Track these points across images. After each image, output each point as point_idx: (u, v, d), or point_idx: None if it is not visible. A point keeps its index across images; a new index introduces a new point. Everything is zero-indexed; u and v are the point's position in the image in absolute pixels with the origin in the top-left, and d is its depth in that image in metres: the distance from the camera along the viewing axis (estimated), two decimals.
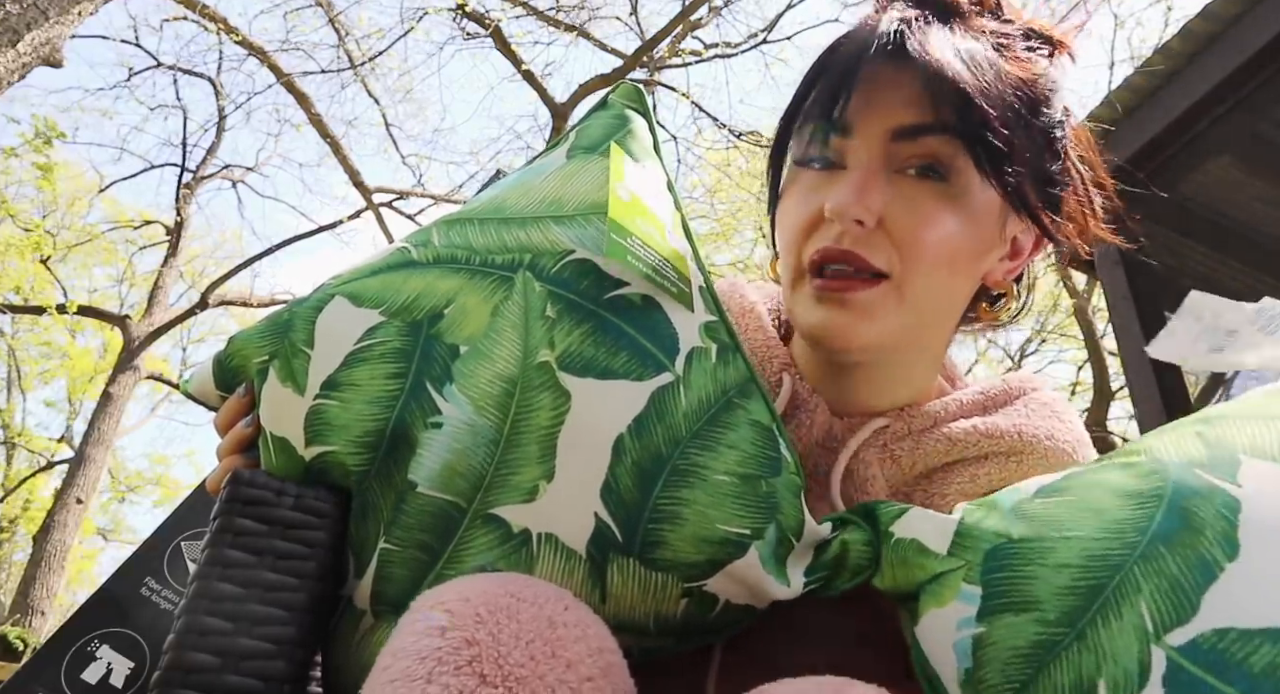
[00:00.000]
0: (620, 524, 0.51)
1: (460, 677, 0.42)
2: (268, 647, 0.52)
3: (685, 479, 0.51)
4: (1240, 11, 2.41)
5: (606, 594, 0.52)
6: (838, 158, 0.60)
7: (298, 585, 0.55)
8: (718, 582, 0.52)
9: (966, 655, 0.45)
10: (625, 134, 0.66)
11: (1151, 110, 2.67)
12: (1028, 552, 0.45)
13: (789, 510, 0.53)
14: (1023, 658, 0.43)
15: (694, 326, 0.56)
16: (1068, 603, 0.42)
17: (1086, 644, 0.41)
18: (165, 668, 0.50)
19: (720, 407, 0.54)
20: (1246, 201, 2.98)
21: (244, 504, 0.56)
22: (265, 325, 0.61)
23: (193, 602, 0.52)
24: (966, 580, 0.46)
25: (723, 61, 9.01)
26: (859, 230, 0.57)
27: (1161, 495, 0.44)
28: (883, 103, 0.57)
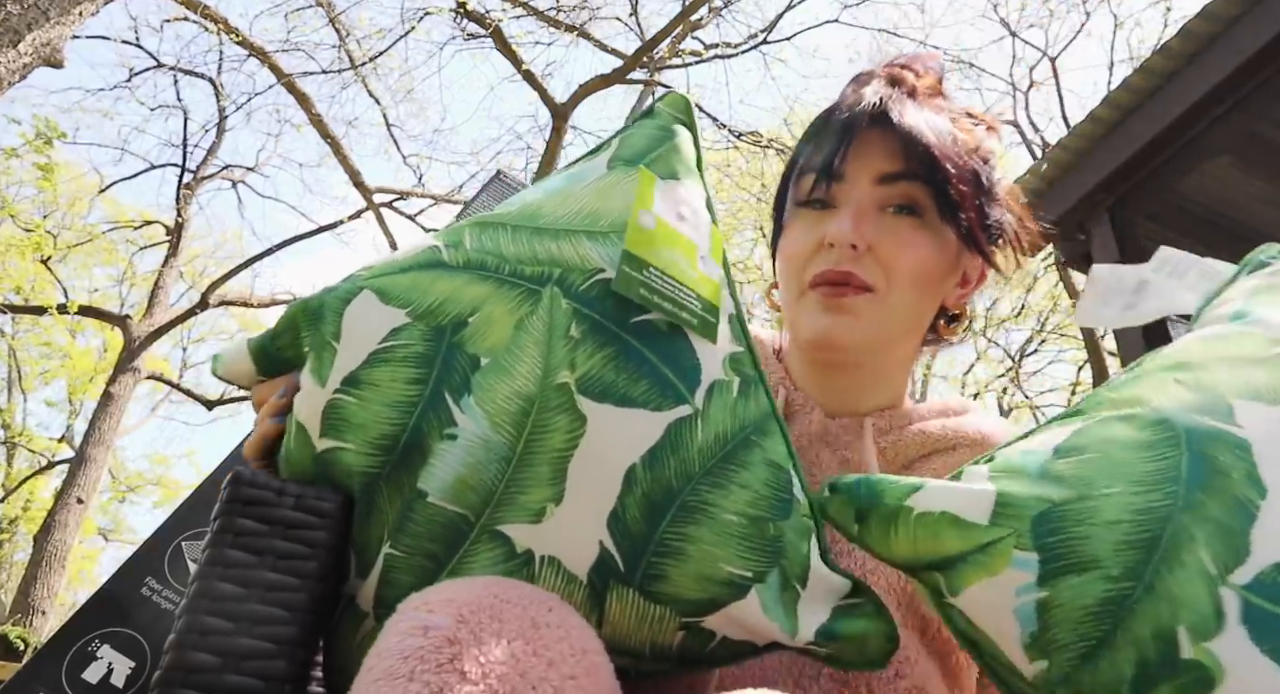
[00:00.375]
0: (624, 555, 0.51)
1: (441, 674, 0.43)
2: (268, 647, 0.52)
3: (693, 516, 0.51)
4: (1240, 12, 2.41)
5: (604, 621, 0.52)
6: (833, 200, 0.73)
7: (298, 585, 0.55)
8: (715, 619, 0.52)
9: (1030, 620, 0.45)
10: (666, 150, 0.65)
11: (1151, 110, 2.67)
12: (1075, 513, 0.46)
13: (794, 555, 0.53)
14: (1095, 615, 0.44)
15: (718, 358, 0.56)
16: (1128, 557, 0.44)
17: (1156, 594, 0.43)
18: (166, 668, 0.50)
19: (737, 444, 0.54)
20: (1246, 201, 2.98)
21: (244, 504, 0.56)
22: (303, 314, 0.61)
23: (193, 601, 0.52)
24: (1019, 548, 0.46)
25: (723, 62, 9.01)
26: (853, 253, 0.70)
27: (1178, 444, 0.46)
28: (869, 156, 0.72)
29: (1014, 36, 9.96)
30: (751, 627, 0.52)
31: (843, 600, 0.54)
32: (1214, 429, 0.46)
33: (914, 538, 0.50)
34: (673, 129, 0.67)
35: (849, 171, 0.72)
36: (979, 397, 11.96)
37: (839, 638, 0.52)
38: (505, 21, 7.89)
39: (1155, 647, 0.42)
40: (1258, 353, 0.51)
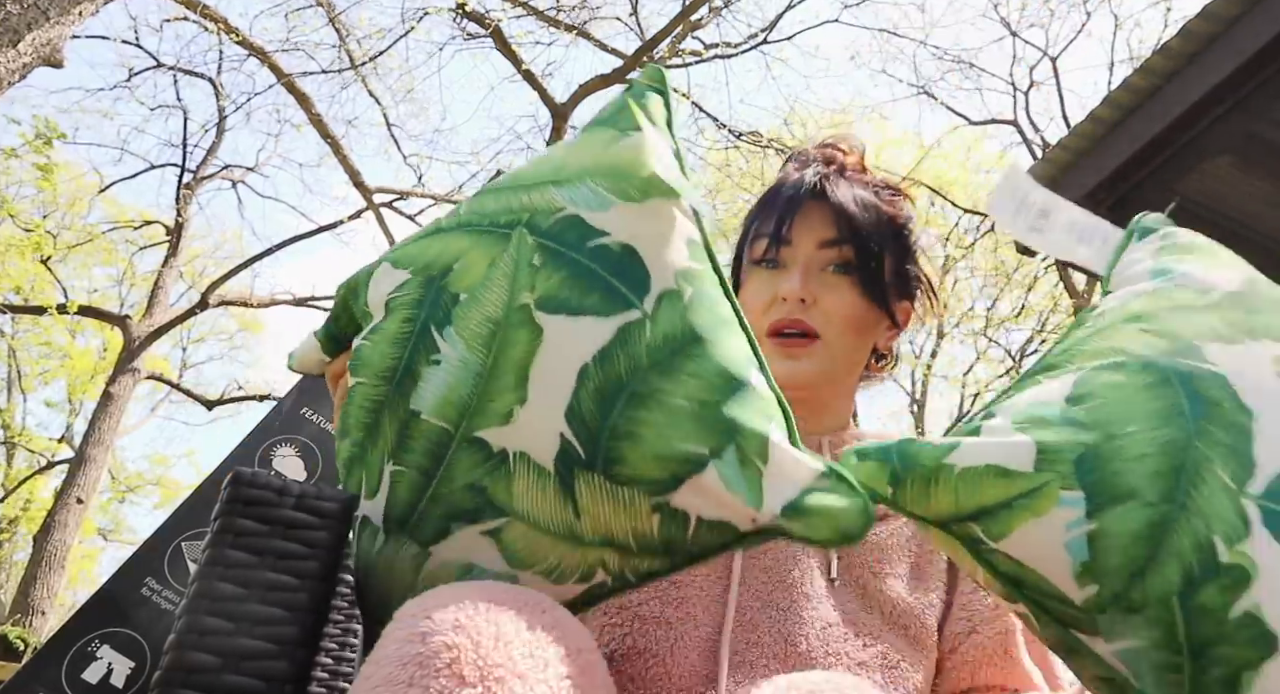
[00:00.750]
0: (583, 442, 0.56)
1: (440, 679, 0.45)
2: (269, 647, 0.52)
3: (644, 402, 0.56)
4: (1240, 12, 2.41)
5: (580, 509, 0.56)
6: (782, 261, 0.88)
7: (299, 585, 0.55)
8: (682, 497, 0.56)
9: (1082, 550, 0.51)
10: (631, 109, 0.71)
11: (1151, 110, 2.67)
12: (1107, 453, 0.52)
13: (750, 433, 0.56)
14: (1142, 538, 0.50)
15: (670, 271, 0.62)
16: (1162, 484, 0.50)
17: (1190, 512, 0.49)
18: (166, 668, 0.50)
19: (687, 341, 0.58)
20: (1246, 201, 2.98)
21: (245, 504, 0.56)
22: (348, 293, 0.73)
23: (194, 602, 0.52)
24: (1064, 488, 0.51)
25: (723, 62, 9.00)
26: (801, 306, 0.86)
27: (1171, 384, 0.54)
28: (811, 225, 0.88)
29: (1014, 36, 9.96)
30: (718, 501, 0.55)
31: (815, 481, 0.56)
32: (1195, 368, 0.54)
33: (956, 493, 0.54)
34: (644, 93, 0.73)
35: (795, 237, 0.87)
36: (979, 396, 11.97)
37: (808, 512, 0.55)
38: (505, 21, 7.89)
39: (1197, 556, 0.49)
40: (1197, 302, 0.60)
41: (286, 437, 1.37)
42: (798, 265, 0.87)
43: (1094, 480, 0.51)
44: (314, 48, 8.52)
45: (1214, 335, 0.56)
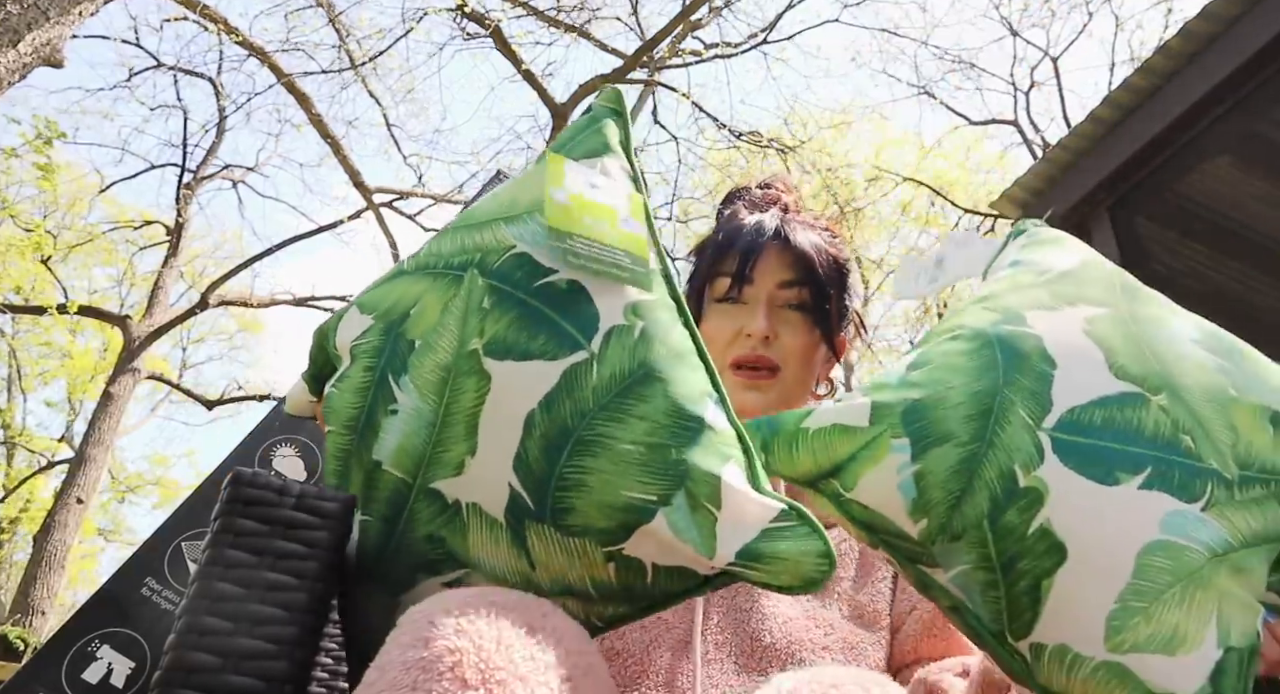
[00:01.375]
0: (530, 492, 0.55)
1: (444, 682, 0.45)
2: (269, 647, 0.52)
3: (590, 449, 0.55)
4: (1240, 12, 2.41)
5: (534, 561, 0.56)
6: (742, 298, 0.95)
7: (298, 585, 0.55)
8: (634, 545, 0.55)
9: (911, 489, 0.57)
10: (586, 135, 0.71)
11: (1151, 110, 2.67)
12: (931, 404, 0.59)
13: (701, 478, 0.56)
14: (956, 473, 0.57)
15: (618, 307, 0.61)
16: (973, 426, 0.58)
17: (996, 447, 0.57)
18: (166, 668, 0.50)
19: (635, 380, 0.58)
20: (1246, 201, 2.98)
21: (245, 504, 0.56)
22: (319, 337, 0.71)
23: (194, 602, 0.52)
24: (894, 437, 0.58)
25: (723, 62, 9.00)
26: (764, 342, 0.92)
27: (992, 345, 0.61)
28: (771, 266, 0.95)
29: (1015, 36, 9.96)
30: (669, 549, 0.55)
31: (773, 523, 0.56)
32: (1014, 331, 0.62)
33: (813, 451, 0.60)
34: (600, 119, 0.73)
35: (756, 277, 0.94)
36: None
37: (764, 558, 0.55)
38: (505, 21, 7.89)
39: (1001, 484, 0.56)
40: (1033, 280, 0.68)
41: (286, 437, 1.37)
42: (760, 303, 0.94)
43: (918, 428, 0.58)
44: (314, 48, 8.53)
45: (1038, 305, 0.65)
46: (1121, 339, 0.61)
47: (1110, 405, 0.58)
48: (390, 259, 8.54)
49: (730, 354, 0.93)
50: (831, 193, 9.29)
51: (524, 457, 0.56)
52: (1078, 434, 0.57)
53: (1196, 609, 0.53)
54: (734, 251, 0.95)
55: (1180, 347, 0.62)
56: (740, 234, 0.96)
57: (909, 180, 9.82)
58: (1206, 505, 0.55)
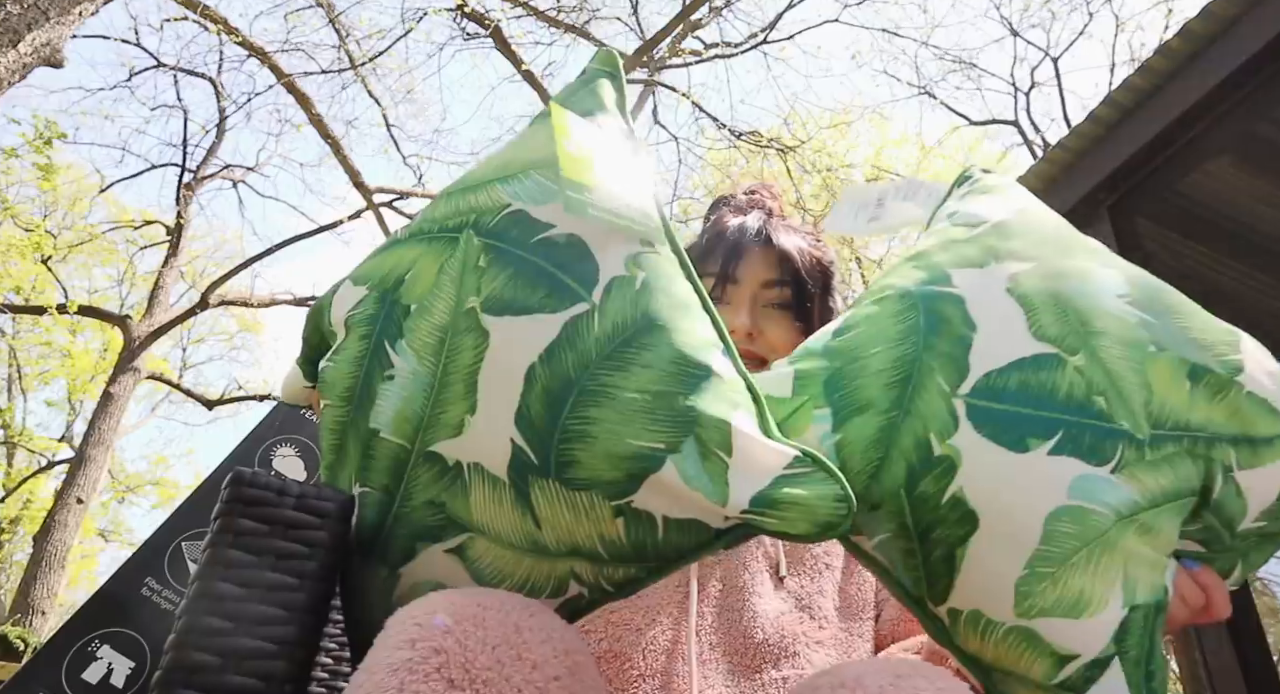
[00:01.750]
0: (534, 448, 0.54)
1: (429, 683, 0.45)
2: (269, 647, 0.52)
3: (594, 399, 0.54)
4: (1240, 12, 2.41)
5: (539, 519, 0.54)
6: (727, 298, 0.96)
7: (298, 585, 0.55)
8: (643, 497, 0.53)
9: (832, 457, 0.57)
10: (583, 93, 0.70)
11: (1151, 110, 2.67)
12: (851, 372, 0.59)
13: (710, 424, 0.54)
14: (875, 442, 0.57)
15: (619, 258, 0.59)
16: (892, 394, 0.58)
17: (913, 415, 0.57)
18: (166, 668, 0.50)
19: (638, 329, 0.56)
20: (1246, 201, 2.98)
21: (245, 504, 0.56)
22: (314, 316, 0.70)
23: (194, 602, 0.52)
24: (815, 407, 0.59)
25: (723, 61, 9.00)
26: (749, 339, 0.93)
27: (916, 307, 0.61)
28: (755, 267, 0.97)
29: (1016, 36, 9.96)
30: (680, 498, 0.53)
31: (787, 470, 0.54)
32: (938, 292, 0.62)
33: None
34: (594, 79, 0.72)
35: (741, 277, 0.96)
36: None
37: (779, 504, 0.53)
38: (505, 21, 7.88)
39: (917, 453, 0.56)
40: (964, 236, 0.67)
41: (286, 437, 1.37)
42: (744, 302, 0.95)
43: (838, 397, 0.58)
44: (314, 48, 8.53)
45: (965, 262, 0.64)
46: (1044, 296, 0.60)
47: (1025, 369, 0.57)
48: None
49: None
50: (832, 193, 9.28)
51: (525, 411, 0.54)
52: (992, 400, 0.56)
53: (1102, 572, 0.53)
54: (718, 253, 0.97)
55: (1103, 302, 0.60)
56: (725, 236, 0.99)
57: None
58: (1117, 467, 0.54)
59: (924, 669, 0.52)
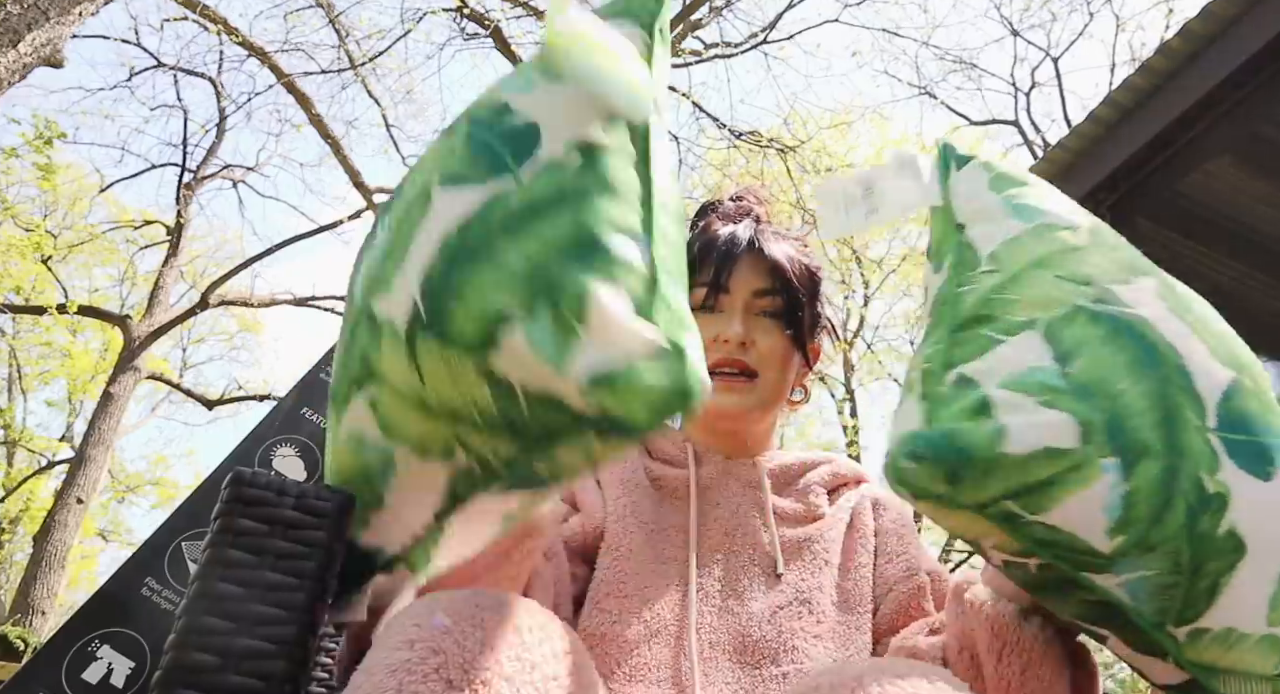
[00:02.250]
0: (426, 303, 0.55)
1: (428, 683, 0.46)
2: (269, 647, 0.52)
3: (482, 260, 0.54)
4: (1240, 12, 2.41)
5: (423, 375, 0.55)
6: (718, 306, 0.97)
7: (298, 585, 0.55)
8: (502, 362, 0.52)
9: (1117, 508, 0.56)
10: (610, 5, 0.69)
11: (1152, 110, 2.67)
12: (1121, 414, 0.57)
13: (571, 294, 0.51)
14: (1159, 488, 0.56)
15: (560, 140, 0.58)
16: (1162, 434, 0.56)
17: (1184, 456, 0.56)
18: (166, 668, 0.50)
19: (548, 204, 0.56)
20: (1246, 201, 2.98)
21: (245, 504, 0.56)
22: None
23: (194, 602, 0.52)
24: (1103, 457, 0.56)
25: (723, 61, 9.01)
26: (741, 348, 0.95)
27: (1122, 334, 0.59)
28: (746, 276, 0.98)
29: (1016, 36, 9.96)
30: (529, 366, 0.51)
31: (646, 359, 0.51)
32: (1125, 314, 0.60)
33: (1008, 477, 0.56)
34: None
35: (732, 286, 0.97)
36: None
37: (615, 384, 0.50)
38: (505, 22, 7.89)
39: (1194, 492, 0.56)
40: (1076, 241, 0.65)
41: (286, 437, 1.37)
42: (736, 311, 0.96)
43: (1122, 443, 0.56)
44: (314, 48, 8.53)
45: (1111, 277, 0.62)
46: (1191, 316, 0.62)
47: (1236, 396, 0.59)
48: None
49: (707, 360, 0.94)
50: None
51: (430, 272, 0.55)
52: (1239, 432, 0.58)
53: None
54: (709, 262, 0.98)
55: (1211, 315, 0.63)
56: (715, 245, 0.99)
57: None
58: None
59: (923, 669, 0.52)
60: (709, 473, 0.97)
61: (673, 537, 0.90)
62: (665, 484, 0.96)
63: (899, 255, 11.03)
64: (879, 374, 12.23)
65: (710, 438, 1.01)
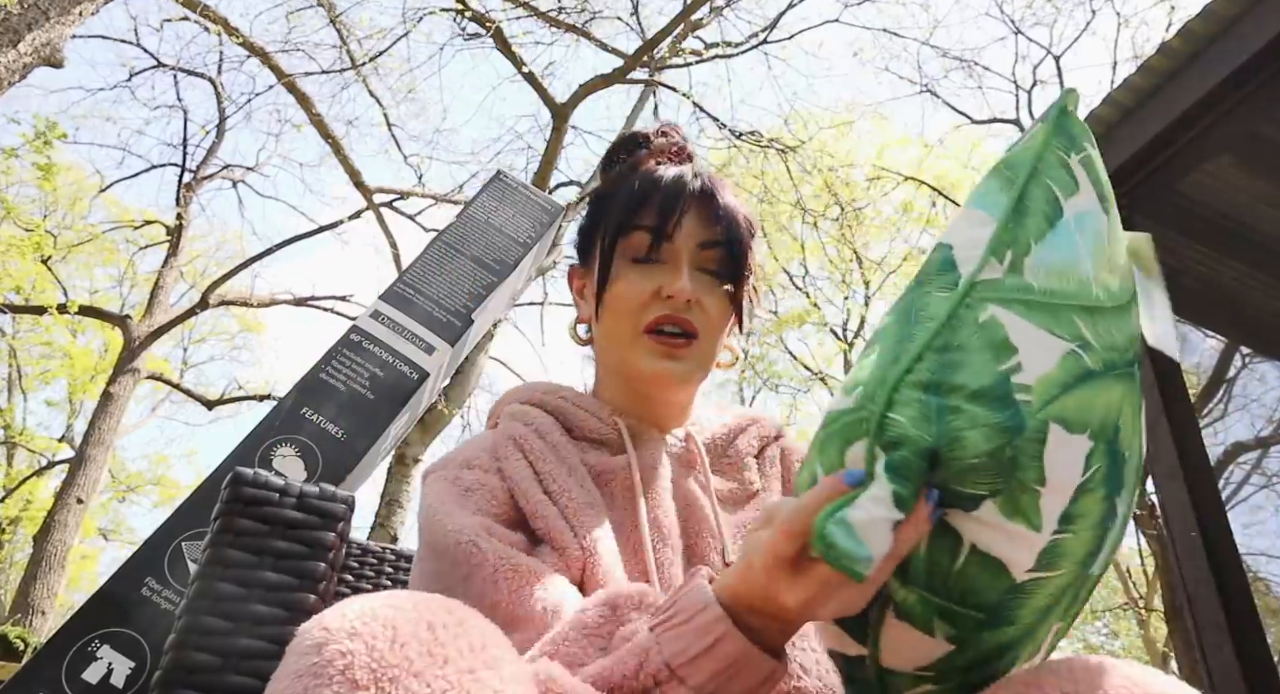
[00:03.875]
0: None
1: (333, 686, 0.45)
2: (269, 647, 0.52)
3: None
4: (1240, 12, 2.41)
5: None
6: (660, 256, 0.88)
7: (298, 585, 0.55)
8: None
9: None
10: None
11: (1151, 110, 2.67)
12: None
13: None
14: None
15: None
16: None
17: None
18: (166, 668, 0.50)
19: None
20: (1246, 201, 2.98)
21: (245, 504, 0.56)
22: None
23: (194, 602, 0.52)
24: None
25: (724, 61, 9.01)
26: (687, 306, 0.86)
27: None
28: (693, 226, 0.89)
29: (1018, 34, 9.96)
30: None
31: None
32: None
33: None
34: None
35: (677, 236, 0.88)
36: None
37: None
38: (506, 21, 7.89)
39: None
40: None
41: (286, 437, 1.37)
42: (680, 264, 0.87)
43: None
44: (314, 48, 8.53)
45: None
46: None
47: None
48: (391, 259, 8.53)
49: (647, 316, 0.87)
50: (833, 193, 9.28)
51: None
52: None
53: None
54: (651, 205, 0.88)
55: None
56: (658, 186, 0.89)
57: (910, 179, 9.82)
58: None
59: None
60: (648, 456, 0.88)
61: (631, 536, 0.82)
62: (610, 479, 0.85)
63: (900, 255, 11.03)
64: None
65: (642, 407, 0.92)
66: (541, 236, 1.67)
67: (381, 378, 1.41)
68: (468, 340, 1.58)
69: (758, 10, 9.07)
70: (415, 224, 9.38)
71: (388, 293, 1.49)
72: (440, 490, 0.78)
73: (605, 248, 0.90)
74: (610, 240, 0.90)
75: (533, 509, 0.79)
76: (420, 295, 1.50)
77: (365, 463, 1.40)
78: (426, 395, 1.55)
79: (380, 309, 1.48)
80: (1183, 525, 2.33)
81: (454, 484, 0.79)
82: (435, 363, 1.47)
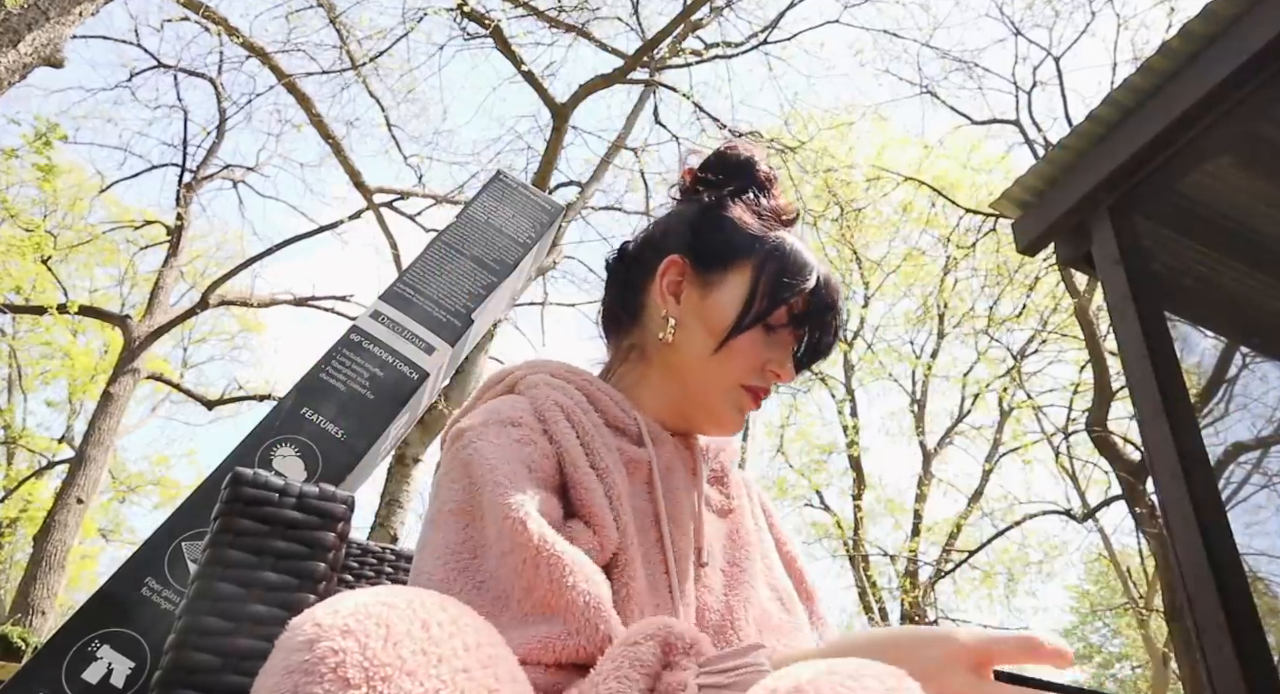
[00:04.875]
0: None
1: (324, 684, 0.44)
2: (269, 647, 0.52)
3: None
4: (1240, 12, 2.41)
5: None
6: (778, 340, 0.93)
7: (298, 585, 0.55)
8: None
9: None
10: None
11: (1151, 110, 2.67)
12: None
13: None
14: None
15: None
16: None
17: None
18: (166, 668, 0.50)
19: None
20: (1246, 201, 2.98)
21: (245, 504, 0.56)
22: None
23: (194, 602, 0.52)
24: None
25: (724, 61, 9.01)
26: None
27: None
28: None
29: (1018, 35, 9.96)
30: None
31: None
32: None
33: None
34: None
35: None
36: (979, 396, 11.95)
37: None
38: (505, 21, 7.89)
39: None
40: None
41: (286, 437, 1.37)
42: (790, 349, 0.95)
43: None
44: (315, 48, 8.53)
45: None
46: None
47: None
48: (391, 259, 8.54)
49: (752, 379, 0.93)
50: (832, 193, 9.29)
51: None
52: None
53: None
54: (813, 308, 0.93)
55: None
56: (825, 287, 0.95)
57: (910, 180, 9.82)
58: None
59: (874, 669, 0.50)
60: (665, 456, 0.92)
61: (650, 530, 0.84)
62: (635, 469, 0.88)
63: (899, 255, 11.03)
64: (879, 374, 12.23)
65: (676, 421, 0.95)
66: (541, 237, 1.67)
67: (381, 378, 1.40)
68: (468, 340, 1.58)
69: (758, 10, 9.06)
70: (415, 224, 9.38)
71: (387, 293, 1.49)
72: (496, 442, 0.77)
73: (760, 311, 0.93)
74: (767, 307, 0.93)
75: (579, 479, 0.81)
76: (420, 295, 1.50)
77: (365, 463, 1.40)
78: (426, 395, 1.55)
79: (380, 309, 1.48)
80: (1183, 525, 2.33)
81: (507, 436, 0.79)
82: (435, 363, 1.47)
